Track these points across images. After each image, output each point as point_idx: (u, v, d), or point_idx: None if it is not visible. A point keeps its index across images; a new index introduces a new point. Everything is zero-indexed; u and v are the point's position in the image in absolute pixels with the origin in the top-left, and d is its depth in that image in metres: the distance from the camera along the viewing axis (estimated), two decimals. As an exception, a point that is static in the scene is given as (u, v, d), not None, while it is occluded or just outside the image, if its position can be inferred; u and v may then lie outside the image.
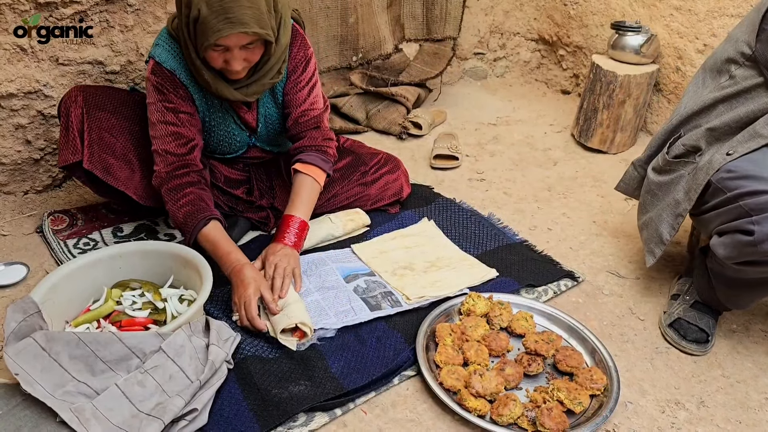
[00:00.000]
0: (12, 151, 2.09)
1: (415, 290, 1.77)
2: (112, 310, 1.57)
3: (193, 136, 1.76)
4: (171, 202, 1.71)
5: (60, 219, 2.04)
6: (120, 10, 2.10)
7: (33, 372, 1.27)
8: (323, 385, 1.44)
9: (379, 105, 2.95)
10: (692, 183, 1.61)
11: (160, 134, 1.73)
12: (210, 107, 1.82)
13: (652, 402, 1.49)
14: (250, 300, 1.56)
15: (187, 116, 1.75)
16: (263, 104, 1.89)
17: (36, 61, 2.00)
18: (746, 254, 1.40)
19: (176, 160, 1.73)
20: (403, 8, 3.15)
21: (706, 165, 1.57)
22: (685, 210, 1.62)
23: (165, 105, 1.72)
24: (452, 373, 1.47)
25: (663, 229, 1.70)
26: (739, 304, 1.66)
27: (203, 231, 1.67)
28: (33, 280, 1.79)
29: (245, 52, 1.60)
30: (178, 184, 1.71)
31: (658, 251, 1.72)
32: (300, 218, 1.79)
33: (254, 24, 1.53)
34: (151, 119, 1.74)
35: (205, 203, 1.71)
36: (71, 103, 1.75)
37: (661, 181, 1.74)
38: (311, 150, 1.88)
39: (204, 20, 1.51)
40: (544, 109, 3.28)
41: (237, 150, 1.98)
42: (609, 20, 3.02)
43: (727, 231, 1.46)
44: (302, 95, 1.88)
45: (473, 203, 2.30)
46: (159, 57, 1.71)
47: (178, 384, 1.33)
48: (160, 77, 1.71)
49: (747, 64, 1.58)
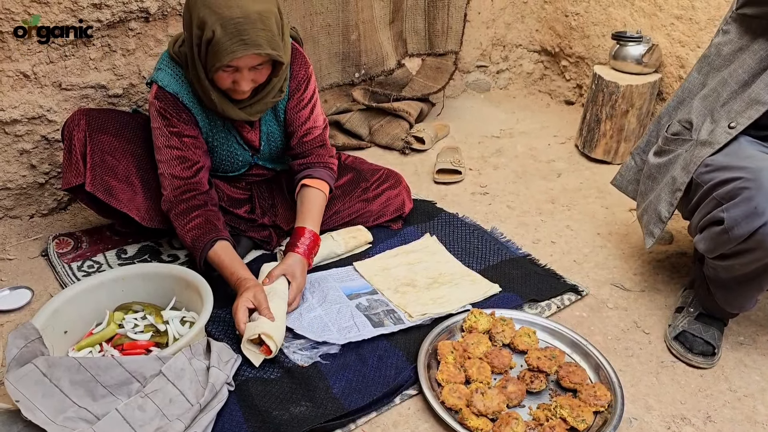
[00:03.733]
0: (17, 176, 2.12)
1: (417, 307, 1.76)
2: (114, 334, 1.58)
3: (198, 158, 1.79)
4: (180, 227, 1.74)
5: (65, 242, 2.06)
6: (122, 34, 2.13)
7: (34, 398, 1.28)
8: (324, 405, 1.43)
9: (382, 120, 2.96)
10: (693, 156, 1.59)
11: (166, 158, 1.76)
12: (213, 128, 1.84)
13: (658, 418, 1.48)
14: (237, 308, 1.57)
15: (191, 140, 1.78)
16: (266, 122, 1.91)
17: (39, 86, 2.03)
18: (722, 244, 1.42)
19: (182, 183, 1.76)
20: (405, 23, 3.16)
21: (706, 140, 1.58)
22: (682, 184, 1.60)
23: (169, 130, 1.75)
24: (454, 392, 1.46)
25: (662, 208, 1.68)
26: (741, 305, 1.62)
27: (209, 254, 1.70)
28: (37, 304, 1.81)
29: (253, 73, 1.64)
30: (185, 208, 1.74)
31: (657, 230, 1.70)
32: (312, 230, 1.82)
33: (267, 46, 1.57)
34: (156, 144, 1.77)
35: (212, 224, 1.73)
36: (74, 126, 1.78)
37: (660, 162, 1.74)
38: (318, 166, 1.93)
39: (218, 42, 1.54)
40: (547, 120, 3.27)
41: (239, 169, 2.00)
42: (610, 30, 3.01)
43: (705, 225, 1.48)
44: (305, 113, 1.91)
45: (476, 217, 2.30)
46: (161, 81, 1.73)
47: (178, 407, 1.33)
48: (163, 102, 1.73)
49: (726, 29, 1.65)
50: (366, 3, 2.88)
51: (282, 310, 1.64)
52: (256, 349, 1.56)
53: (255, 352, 1.56)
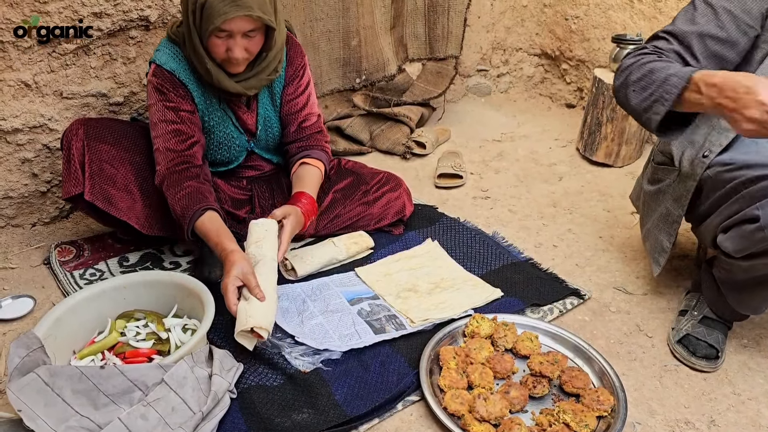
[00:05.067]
0: (19, 185, 2.12)
1: (419, 313, 1.76)
2: (116, 342, 1.58)
3: (193, 132, 1.83)
4: (171, 197, 1.75)
5: (67, 250, 2.06)
6: (122, 43, 2.14)
7: (36, 407, 1.28)
8: (326, 412, 1.43)
9: (383, 125, 2.97)
10: (681, 190, 1.64)
11: (161, 133, 1.80)
12: (209, 106, 1.89)
13: (661, 422, 1.47)
14: (226, 288, 1.55)
15: (187, 114, 1.83)
16: (263, 105, 1.97)
17: (40, 95, 2.03)
18: (756, 242, 1.38)
19: (176, 156, 1.78)
20: (406, 29, 3.17)
21: (689, 172, 1.61)
22: (678, 217, 1.66)
23: (165, 104, 1.80)
24: (456, 398, 1.45)
25: (662, 239, 1.74)
26: (756, 306, 1.61)
27: (197, 223, 1.70)
28: (40, 313, 1.81)
29: (246, 41, 1.71)
30: (177, 179, 1.76)
31: (662, 260, 1.76)
32: (311, 196, 1.88)
33: (258, 9, 1.65)
34: (152, 119, 1.81)
35: (202, 195, 1.74)
36: (72, 136, 1.79)
37: (652, 190, 1.79)
38: (316, 149, 2.02)
39: (210, 5, 1.62)
40: (548, 124, 3.27)
41: (236, 157, 2.03)
42: (610, 33, 3.02)
43: (732, 225, 1.44)
44: (303, 99, 2.01)
45: (478, 222, 2.30)
46: (159, 60, 1.81)
47: (180, 416, 1.33)
48: (160, 78, 1.80)
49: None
50: (367, 9, 2.89)
51: (272, 283, 1.62)
52: (248, 334, 1.55)
53: (248, 337, 1.55)
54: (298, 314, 1.75)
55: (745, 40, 1.52)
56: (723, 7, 1.50)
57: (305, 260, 1.94)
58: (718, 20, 1.50)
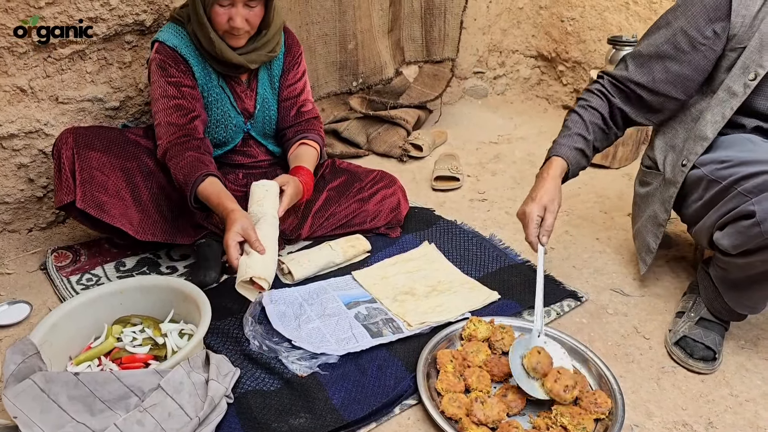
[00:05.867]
0: (15, 190, 2.12)
1: (416, 316, 1.76)
2: (112, 347, 1.57)
3: (194, 107, 1.88)
4: (173, 167, 1.80)
5: (63, 255, 2.06)
6: (117, 47, 2.14)
7: (32, 414, 1.27)
8: (323, 417, 1.42)
9: (380, 128, 2.97)
10: (665, 194, 1.72)
11: (163, 108, 1.85)
12: (208, 81, 1.94)
13: (659, 424, 1.47)
14: (228, 243, 1.59)
15: (188, 89, 1.88)
16: (262, 85, 2.04)
17: (36, 101, 2.03)
18: (752, 238, 1.39)
19: (178, 129, 1.83)
20: (403, 32, 3.17)
21: (671, 178, 1.68)
22: (664, 220, 1.75)
23: (167, 80, 1.85)
24: (453, 401, 1.45)
25: (649, 240, 1.83)
26: (754, 305, 1.62)
27: (199, 189, 1.75)
28: (36, 318, 1.80)
29: (247, 11, 1.79)
30: (178, 150, 1.81)
31: (648, 259, 1.85)
32: (309, 170, 1.96)
33: None
34: (154, 95, 1.87)
35: (203, 163, 1.79)
36: (62, 144, 1.80)
37: (642, 192, 1.87)
38: (313, 132, 2.11)
39: None
40: (545, 126, 3.27)
41: (233, 138, 2.07)
42: (606, 35, 3.02)
43: (729, 221, 1.46)
44: (301, 85, 2.13)
45: (475, 224, 2.30)
46: (162, 37, 1.89)
47: (177, 421, 1.33)
48: (162, 54, 1.87)
49: None
50: (365, 12, 2.89)
51: (272, 239, 1.67)
52: (250, 286, 1.58)
53: (250, 289, 1.59)
54: (295, 318, 1.75)
55: (700, 57, 1.62)
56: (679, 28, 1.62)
57: (302, 264, 1.94)
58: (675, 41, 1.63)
